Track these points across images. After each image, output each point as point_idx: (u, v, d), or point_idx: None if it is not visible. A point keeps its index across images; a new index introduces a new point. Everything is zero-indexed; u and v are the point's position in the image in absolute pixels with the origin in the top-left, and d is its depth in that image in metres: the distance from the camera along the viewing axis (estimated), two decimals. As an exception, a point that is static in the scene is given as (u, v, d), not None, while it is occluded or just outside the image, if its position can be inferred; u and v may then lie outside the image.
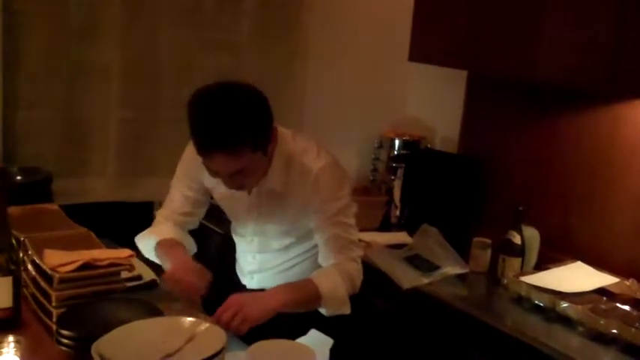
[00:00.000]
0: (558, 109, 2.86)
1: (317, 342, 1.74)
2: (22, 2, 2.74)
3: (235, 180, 1.88)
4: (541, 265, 2.65)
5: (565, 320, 2.28)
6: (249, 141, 1.80)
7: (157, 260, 2.10)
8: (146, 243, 2.13)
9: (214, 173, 1.88)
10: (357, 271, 2.02)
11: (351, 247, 2.02)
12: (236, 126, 1.77)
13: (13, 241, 1.83)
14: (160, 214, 2.21)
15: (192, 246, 2.20)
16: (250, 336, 1.72)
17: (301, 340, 1.76)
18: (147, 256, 2.16)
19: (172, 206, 2.18)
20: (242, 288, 2.28)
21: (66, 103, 2.90)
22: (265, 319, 1.79)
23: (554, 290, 2.35)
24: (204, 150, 1.81)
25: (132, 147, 3.06)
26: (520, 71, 2.63)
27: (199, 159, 1.88)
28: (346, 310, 1.98)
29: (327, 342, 1.73)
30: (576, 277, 2.50)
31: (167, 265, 1.97)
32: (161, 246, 2.07)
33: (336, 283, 1.94)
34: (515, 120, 3.05)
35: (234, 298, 1.79)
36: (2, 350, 1.43)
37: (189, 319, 1.68)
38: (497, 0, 2.72)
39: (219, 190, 2.09)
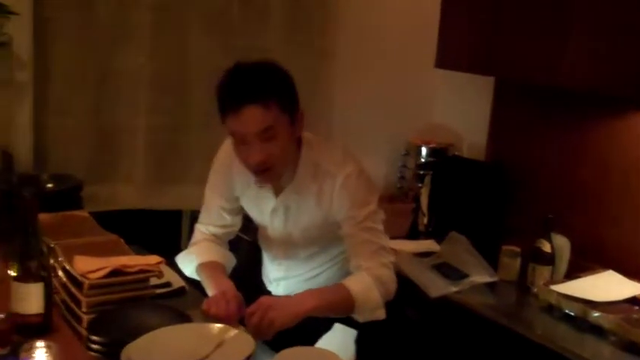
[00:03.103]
0: (587, 115, 2.83)
1: (342, 335, 1.73)
2: (52, 9, 2.77)
3: (263, 147, 1.83)
4: (572, 274, 2.62)
5: (596, 329, 2.25)
6: (278, 96, 1.83)
7: (199, 279, 2.11)
8: (187, 264, 2.15)
9: (242, 140, 1.86)
10: (389, 277, 1.99)
11: (381, 252, 2.01)
12: (265, 80, 1.83)
13: (44, 247, 1.85)
14: (198, 228, 2.21)
15: (231, 262, 2.20)
16: (277, 341, 1.72)
17: (326, 334, 1.75)
18: (188, 275, 2.17)
19: (210, 219, 2.19)
20: (268, 295, 2.27)
21: (95, 110, 2.93)
22: (293, 324, 1.77)
23: (585, 299, 2.33)
24: (234, 105, 1.81)
25: (161, 154, 3.07)
26: (548, 77, 2.61)
27: (231, 166, 1.88)
28: (381, 314, 1.95)
29: (352, 334, 1.72)
30: (608, 286, 2.47)
31: (209, 291, 1.98)
32: (202, 269, 2.08)
33: (368, 287, 1.92)
34: (544, 126, 3.03)
35: (263, 301, 1.78)
36: (34, 355, 1.44)
37: (218, 325, 1.69)
38: (524, 6, 2.71)
39: (248, 195, 2.09)
